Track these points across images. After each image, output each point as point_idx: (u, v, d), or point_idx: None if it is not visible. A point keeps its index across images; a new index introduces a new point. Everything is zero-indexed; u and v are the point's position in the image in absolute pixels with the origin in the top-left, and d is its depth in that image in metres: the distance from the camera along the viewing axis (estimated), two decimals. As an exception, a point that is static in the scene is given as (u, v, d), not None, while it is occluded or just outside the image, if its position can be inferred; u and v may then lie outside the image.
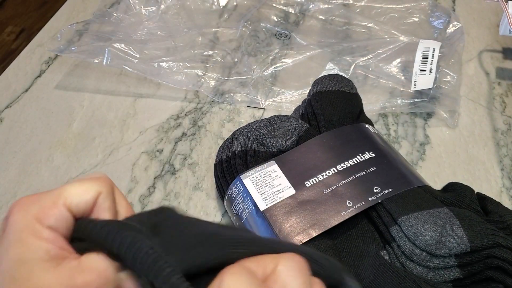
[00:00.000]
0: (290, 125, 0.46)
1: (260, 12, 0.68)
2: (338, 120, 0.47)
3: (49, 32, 0.69)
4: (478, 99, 0.58)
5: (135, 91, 0.60)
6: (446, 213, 0.38)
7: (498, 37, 0.66)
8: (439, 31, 0.63)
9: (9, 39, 0.73)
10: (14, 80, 0.62)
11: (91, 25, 0.65)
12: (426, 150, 0.53)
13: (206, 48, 0.63)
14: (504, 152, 0.52)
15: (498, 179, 0.50)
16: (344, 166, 0.43)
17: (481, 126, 0.55)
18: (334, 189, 0.41)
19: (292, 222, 0.39)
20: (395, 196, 0.40)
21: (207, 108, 0.58)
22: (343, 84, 0.49)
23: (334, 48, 0.62)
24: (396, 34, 0.62)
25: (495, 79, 0.61)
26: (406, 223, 0.37)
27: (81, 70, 0.63)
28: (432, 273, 0.36)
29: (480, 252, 0.36)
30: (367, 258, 0.37)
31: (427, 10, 0.66)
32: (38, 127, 0.56)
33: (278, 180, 0.42)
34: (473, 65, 0.63)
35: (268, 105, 0.57)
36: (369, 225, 0.40)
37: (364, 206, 0.40)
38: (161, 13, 0.65)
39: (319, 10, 0.68)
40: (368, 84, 0.59)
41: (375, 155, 0.43)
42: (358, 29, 0.65)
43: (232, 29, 0.65)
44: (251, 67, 0.60)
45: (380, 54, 0.60)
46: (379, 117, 0.56)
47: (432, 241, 0.36)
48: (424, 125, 0.55)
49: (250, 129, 0.46)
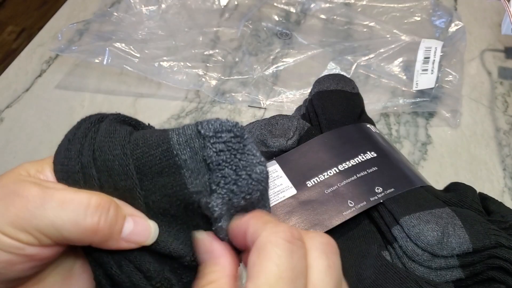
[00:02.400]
0: (291, 125, 0.45)
1: (261, 12, 0.68)
2: (340, 119, 0.46)
3: (50, 32, 0.69)
4: (480, 98, 0.58)
5: (136, 90, 0.60)
6: (448, 213, 0.38)
7: (500, 37, 0.66)
8: (441, 30, 0.63)
9: (9, 38, 0.73)
10: (14, 80, 0.62)
11: (91, 25, 0.65)
12: (428, 150, 0.52)
13: (207, 48, 0.62)
14: (506, 152, 0.52)
15: (500, 179, 0.50)
16: (345, 166, 0.42)
17: (483, 125, 0.55)
18: (335, 189, 0.41)
19: (293, 222, 0.39)
20: (397, 196, 0.40)
21: (208, 108, 0.58)
22: (344, 83, 0.49)
23: (336, 48, 0.61)
24: (397, 34, 0.61)
25: (497, 79, 0.60)
26: (408, 223, 0.37)
27: (82, 70, 0.63)
28: (434, 274, 0.36)
29: (482, 253, 0.36)
30: (368, 259, 0.37)
31: (429, 9, 0.66)
32: (38, 127, 0.56)
33: (279, 180, 0.42)
34: (475, 65, 0.62)
35: (269, 105, 0.57)
36: (371, 225, 0.40)
37: (366, 206, 0.40)
38: (161, 12, 0.65)
39: (320, 10, 0.68)
40: (369, 84, 0.58)
41: (377, 155, 0.43)
42: (359, 29, 0.65)
43: (233, 29, 0.65)
44: (252, 67, 0.60)
45: (381, 54, 0.59)
46: (381, 116, 0.56)
47: (434, 241, 0.36)
48: (426, 125, 0.55)
49: (251, 129, 0.46)
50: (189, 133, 0.23)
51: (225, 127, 0.23)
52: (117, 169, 0.23)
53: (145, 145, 0.23)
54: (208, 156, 0.23)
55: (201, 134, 0.23)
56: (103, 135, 0.23)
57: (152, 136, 0.23)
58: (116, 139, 0.23)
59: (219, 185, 0.23)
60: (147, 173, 0.23)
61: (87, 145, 0.23)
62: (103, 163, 0.23)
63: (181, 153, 0.23)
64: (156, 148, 0.23)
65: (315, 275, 0.21)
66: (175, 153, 0.23)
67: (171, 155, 0.23)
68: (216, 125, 0.23)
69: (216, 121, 0.23)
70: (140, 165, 0.23)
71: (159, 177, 0.23)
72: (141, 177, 0.23)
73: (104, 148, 0.23)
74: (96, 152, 0.23)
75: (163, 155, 0.23)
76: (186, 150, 0.23)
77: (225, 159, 0.23)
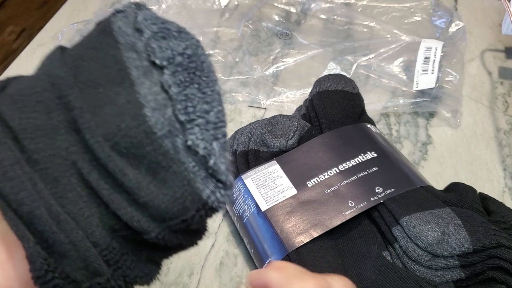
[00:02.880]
0: (291, 125, 0.45)
1: (262, 12, 0.68)
2: (340, 120, 0.46)
3: (50, 32, 0.69)
4: (480, 98, 0.58)
5: (136, 90, 0.60)
6: (448, 213, 0.38)
7: (500, 37, 0.66)
8: (441, 30, 0.63)
9: (10, 39, 0.73)
10: (15, 80, 0.62)
11: (92, 25, 0.65)
12: (428, 150, 0.52)
13: (207, 48, 0.62)
14: (507, 152, 0.52)
15: (501, 179, 0.50)
16: (346, 166, 0.42)
17: (483, 125, 0.55)
18: (335, 189, 0.41)
19: (293, 222, 0.39)
20: (397, 196, 0.40)
21: (208, 107, 0.58)
22: (344, 83, 0.49)
23: (336, 48, 0.61)
24: (398, 34, 0.61)
25: (497, 79, 0.60)
26: (408, 223, 0.37)
27: (82, 70, 0.62)
28: (434, 274, 0.36)
29: (482, 253, 0.36)
30: (369, 259, 0.37)
31: (429, 9, 0.66)
32: (39, 127, 0.56)
33: (279, 180, 0.42)
34: (475, 65, 0.62)
35: (270, 105, 0.57)
36: (371, 226, 0.40)
37: (366, 206, 0.40)
38: (162, 12, 0.65)
39: (320, 10, 0.68)
40: (370, 84, 0.58)
41: (377, 155, 0.43)
42: (360, 29, 0.65)
43: (233, 29, 0.65)
44: (252, 67, 0.60)
45: (382, 54, 0.59)
46: (381, 116, 0.56)
47: (434, 241, 0.36)
48: (426, 125, 0.55)
49: (251, 129, 0.46)
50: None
51: (177, 51, 0.21)
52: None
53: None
54: (165, 81, 0.20)
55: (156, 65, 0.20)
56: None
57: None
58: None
59: (187, 111, 0.19)
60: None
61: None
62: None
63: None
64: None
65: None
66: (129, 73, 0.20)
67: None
68: (168, 53, 0.20)
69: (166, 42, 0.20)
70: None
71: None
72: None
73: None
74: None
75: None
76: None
77: (183, 79, 0.20)
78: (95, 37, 0.22)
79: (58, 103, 0.20)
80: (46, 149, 0.19)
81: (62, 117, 0.19)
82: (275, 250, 0.38)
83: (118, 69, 0.20)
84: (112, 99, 0.19)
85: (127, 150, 0.19)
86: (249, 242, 0.41)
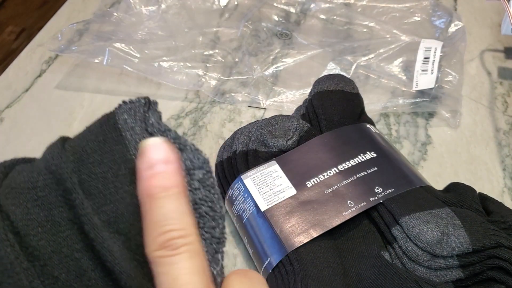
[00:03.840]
0: (291, 125, 0.45)
1: (261, 12, 0.68)
2: (339, 120, 0.46)
3: (50, 32, 0.69)
4: (480, 99, 0.58)
5: (136, 91, 0.60)
6: (448, 214, 0.38)
7: (500, 37, 0.66)
8: (440, 30, 0.63)
9: (9, 38, 0.73)
10: (14, 80, 0.62)
11: (91, 25, 0.65)
12: (428, 150, 0.52)
13: (207, 48, 0.62)
14: (506, 152, 0.52)
15: (500, 179, 0.50)
16: (345, 166, 0.42)
17: (483, 126, 0.55)
18: (335, 189, 0.41)
19: (293, 223, 0.39)
20: (397, 196, 0.40)
21: (207, 108, 0.58)
22: (344, 83, 0.49)
23: (335, 48, 0.61)
24: (397, 34, 0.61)
25: (497, 79, 0.60)
26: (407, 224, 0.37)
27: (82, 70, 0.63)
28: (433, 274, 0.36)
29: (482, 253, 0.36)
30: (368, 259, 0.37)
31: (429, 9, 0.66)
32: (38, 127, 0.56)
33: (279, 180, 0.42)
34: (475, 65, 0.62)
35: (269, 105, 0.57)
36: (371, 226, 0.40)
37: (366, 206, 0.40)
38: (161, 12, 0.65)
39: (320, 10, 0.68)
40: (369, 84, 0.58)
41: (377, 155, 0.43)
42: (359, 29, 0.65)
43: (233, 29, 0.65)
44: (252, 67, 0.60)
45: (381, 54, 0.59)
46: (381, 117, 0.56)
47: (434, 241, 0.36)
48: (426, 125, 0.55)
49: (251, 129, 0.46)
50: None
51: (197, 164, 0.21)
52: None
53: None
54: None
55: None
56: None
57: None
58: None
59: (199, 226, 0.21)
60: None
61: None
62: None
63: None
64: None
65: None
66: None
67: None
68: (187, 163, 0.21)
69: (187, 159, 0.21)
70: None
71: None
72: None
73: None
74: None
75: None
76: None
77: (201, 197, 0.21)
78: (100, 129, 0.23)
79: (60, 200, 0.20)
80: (47, 246, 0.20)
81: (65, 214, 0.20)
82: (274, 250, 0.38)
83: (126, 167, 0.21)
84: (119, 198, 0.21)
85: (134, 251, 0.20)
86: (248, 242, 0.41)
